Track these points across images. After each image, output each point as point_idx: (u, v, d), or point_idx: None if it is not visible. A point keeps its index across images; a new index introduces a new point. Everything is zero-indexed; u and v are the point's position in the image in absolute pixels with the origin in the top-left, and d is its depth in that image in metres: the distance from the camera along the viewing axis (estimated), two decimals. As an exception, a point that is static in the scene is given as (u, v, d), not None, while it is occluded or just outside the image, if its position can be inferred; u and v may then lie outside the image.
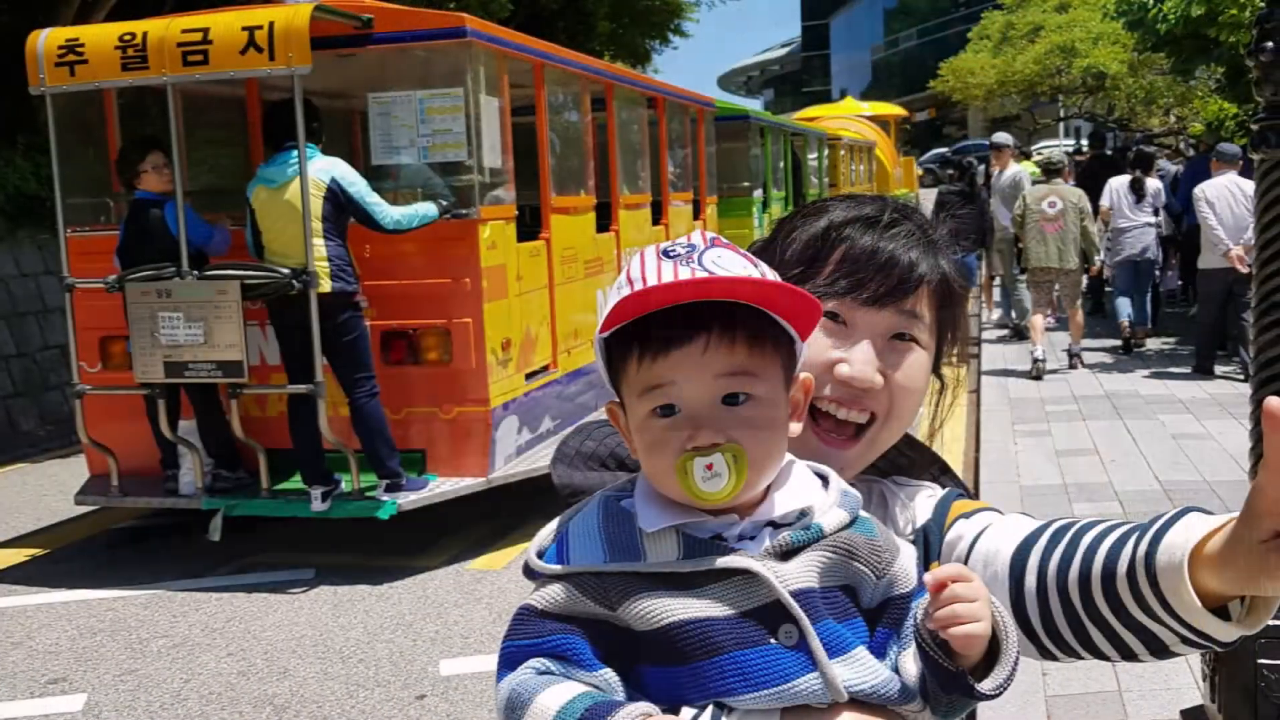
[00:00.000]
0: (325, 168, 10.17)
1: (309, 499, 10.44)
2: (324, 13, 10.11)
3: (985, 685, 1.81)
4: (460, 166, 10.99)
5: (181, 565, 10.80)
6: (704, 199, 19.07)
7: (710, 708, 1.82)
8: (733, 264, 1.89)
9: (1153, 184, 19.57)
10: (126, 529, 12.27)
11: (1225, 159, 16.59)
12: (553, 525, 2.00)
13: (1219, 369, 16.81)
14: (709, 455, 1.82)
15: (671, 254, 1.88)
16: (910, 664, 1.88)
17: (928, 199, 26.93)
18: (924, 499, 2.35)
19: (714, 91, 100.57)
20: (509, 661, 1.89)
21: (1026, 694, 7.04)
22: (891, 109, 52.76)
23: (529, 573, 1.96)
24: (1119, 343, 19.23)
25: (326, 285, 10.04)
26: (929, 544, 2.26)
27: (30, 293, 18.12)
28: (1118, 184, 19.49)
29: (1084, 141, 42.49)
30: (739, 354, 1.86)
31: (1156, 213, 19.50)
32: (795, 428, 1.98)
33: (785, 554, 1.87)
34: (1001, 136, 21.94)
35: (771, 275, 1.95)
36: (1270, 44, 4.97)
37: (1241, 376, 15.80)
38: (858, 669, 1.85)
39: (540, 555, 1.95)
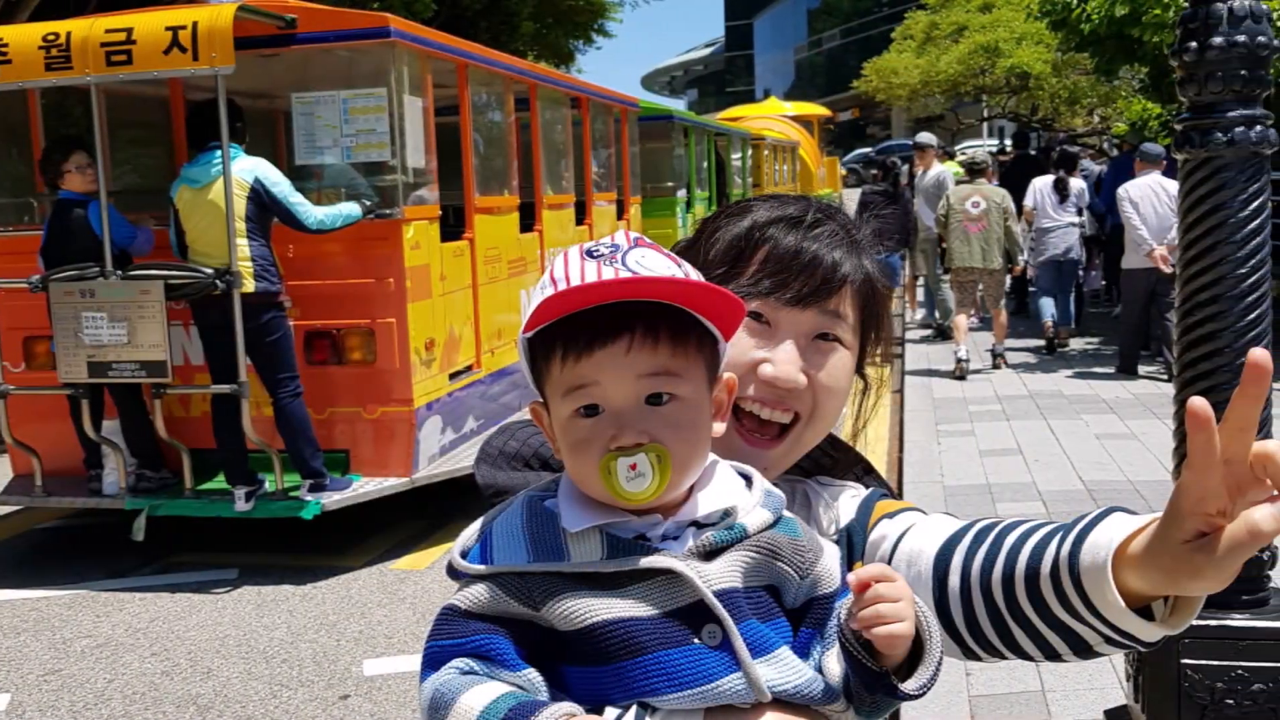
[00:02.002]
0: (249, 168, 10.13)
1: (233, 499, 10.41)
2: (248, 13, 10.07)
3: (909, 685, 1.82)
4: (384, 166, 10.97)
5: (105, 565, 10.73)
6: (628, 199, 19.08)
7: (634, 708, 1.81)
8: (656, 264, 1.89)
9: (1076, 184, 19.64)
10: (50, 529, 12.18)
11: (1149, 159, 16.68)
12: (476, 525, 1.99)
13: (1142, 369, 16.94)
14: (632, 455, 1.82)
15: (595, 254, 1.88)
16: (834, 664, 1.88)
17: (851, 199, 26.98)
18: (847, 499, 2.36)
19: (638, 91, 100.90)
20: (432, 662, 1.87)
21: (950, 694, 7.07)
22: (815, 109, 53.09)
23: (452, 573, 1.95)
24: (1042, 343, 19.35)
25: (250, 285, 10.01)
26: (852, 544, 2.27)
27: (-48, 293, 17.94)
28: (1041, 184, 19.57)
29: (1008, 141, 42.80)
30: (662, 354, 1.85)
31: (1080, 213, 19.58)
32: (719, 428, 1.98)
33: (708, 554, 1.87)
34: (925, 136, 22.04)
35: (695, 275, 1.95)
36: (1194, 44, 5.00)
37: (1165, 376, 15.93)
38: (781, 669, 1.85)
39: (464, 555, 1.93)
